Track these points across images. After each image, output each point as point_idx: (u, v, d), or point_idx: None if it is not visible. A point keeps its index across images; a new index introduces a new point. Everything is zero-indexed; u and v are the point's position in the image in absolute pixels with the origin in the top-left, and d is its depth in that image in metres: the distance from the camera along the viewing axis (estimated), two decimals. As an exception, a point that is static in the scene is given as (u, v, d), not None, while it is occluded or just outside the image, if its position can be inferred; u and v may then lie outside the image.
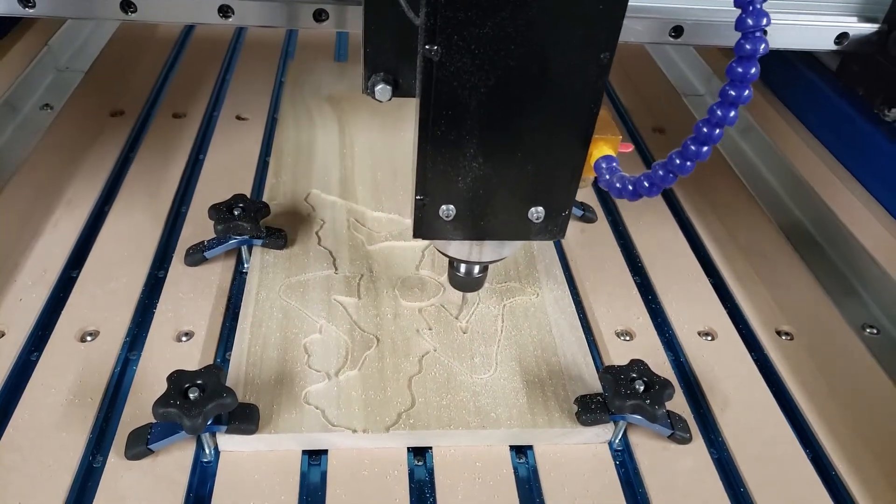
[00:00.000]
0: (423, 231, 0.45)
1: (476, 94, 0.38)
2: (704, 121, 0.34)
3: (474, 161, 0.41)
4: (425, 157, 0.41)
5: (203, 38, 0.97)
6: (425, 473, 0.48)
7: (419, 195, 0.43)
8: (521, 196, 0.43)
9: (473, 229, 0.45)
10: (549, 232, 0.45)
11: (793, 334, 0.59)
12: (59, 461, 0.45)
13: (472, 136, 0.40)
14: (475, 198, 0.43)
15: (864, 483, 0.48)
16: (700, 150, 0.35)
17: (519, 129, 0.40)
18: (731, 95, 0.33)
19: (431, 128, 0.39)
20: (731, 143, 0.75)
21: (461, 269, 0.51)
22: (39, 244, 0.62)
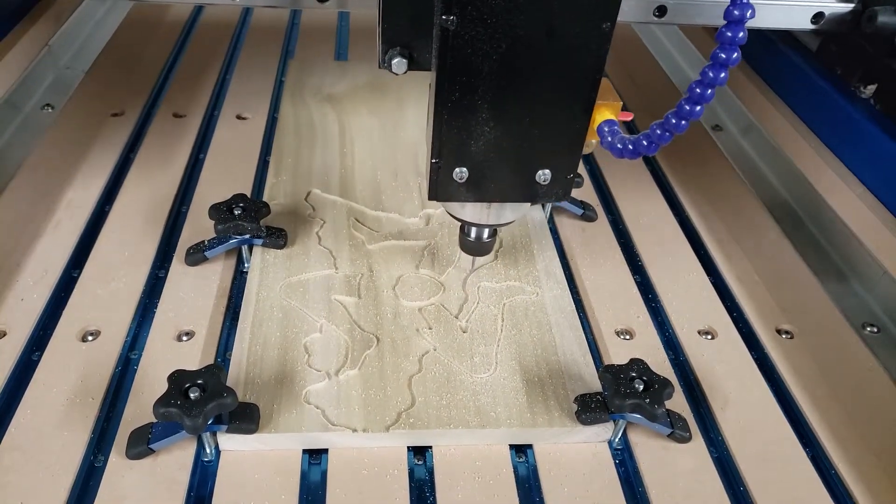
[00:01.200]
0: (438, 193, 0.47)
1: (488, 62, 0.41)
2: (697, 82, 0.37)
3: (486, 125, 0.44)
4: (441, 121, 0.43)
5: (203, 38, 0.97)
6: (425, 473, 0.48)
7: (434, 158, 0.45)
8: (530, 159, 0.46)
9: (484, 191, 0.48)
10: (555, 194, 0.48)
11: (793, 333, 0.59)
12: (60, 461, 0.46)
13: (484, 101, 0.42)
14: (486, 161, 0.46)
15: (864, 482, 0.49)
16: (693, 109, 0.38)
17: (527, 94, 0.42)
18: (721, 58, 0.36)
19: (447, 94, 0.42)
20: (732, 141, 0.75)
21: (471, 233, 0.54)
22: (40, 244, 0.62)
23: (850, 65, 0.77)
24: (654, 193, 0.74)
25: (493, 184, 0.47)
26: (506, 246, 0.63)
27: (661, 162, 0.80)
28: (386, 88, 0.85)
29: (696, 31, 1.03)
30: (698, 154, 0.77)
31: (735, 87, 0.84)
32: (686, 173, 0.78)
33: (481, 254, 0.56)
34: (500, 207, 0.51)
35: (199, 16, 1.03)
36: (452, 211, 0.52)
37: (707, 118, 0.78)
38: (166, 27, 0.99)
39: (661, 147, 0.40)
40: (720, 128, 0.77)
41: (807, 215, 0.65)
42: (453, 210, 0.52)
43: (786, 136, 0.79)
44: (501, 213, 0.51)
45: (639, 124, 0.85)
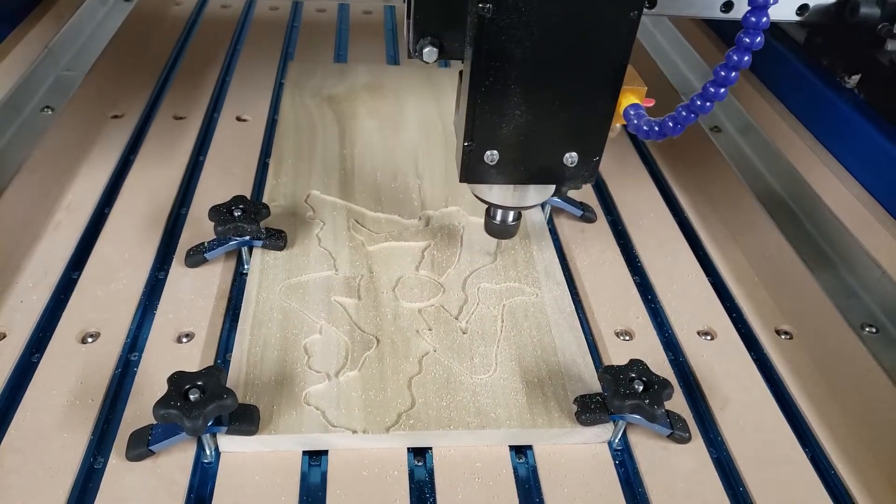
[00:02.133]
0: (469, 175, 0.49)
1: (521, 48, 0.43)
2: (722, 66, 0.39)
3: (517, 109, 0.46)
4: (475, 105, 0.45)
5: (203, 40, 0.97)
6: (425, 474, 0.48)
7: (467, 141, 0.47)
8: (558, 142, 0.48)
9: (514, 173, 0.50)
10: (582, 176, 0.50)
11: (792, 333, 0.60)
12: (60, 462, 0.46)
13: (516, 86, 0.44)
14: (516, 144, 0.48)
15: (863, 482, 0.49)
16: (718, 91, 0.40)
17: (557, 80, 0.44)
18: (745, 42, 0.38)
19: (481, 79, 0.44)
20: (731, 142, 0.75)
21: (497, 216, 0.55)
22: (40, 246, 0.62)
23: (835, 56, 0.80)
24: (654, 195, 0.74)
25: (523, 166, 0.49)
26: (505, 247, 0.63)
27: (660, 163, 0.80)
28: (385, 90, 0.85)
29: (694, 32, 1.03)
30: (697, 155, 0.77)
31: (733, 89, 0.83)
32: (685, 174, 0.78)
33: (506, 237, 0.57)
34: (525, 190, 0.52)
35: (199, 18, 1.03)
36: (479, 193, 0.53)
37: (705, 119, 0.79)
38: (166, 29, 0.99)
39: (685, 128, 0.43)
40: (718, 129, 0.77)
41: (805, 216, 0.65)
42: (481, 193, 0.53)
43: (783, 136, 0.79)
44: (526, 196, 0.53)
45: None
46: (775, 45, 0.88)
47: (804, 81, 0.82)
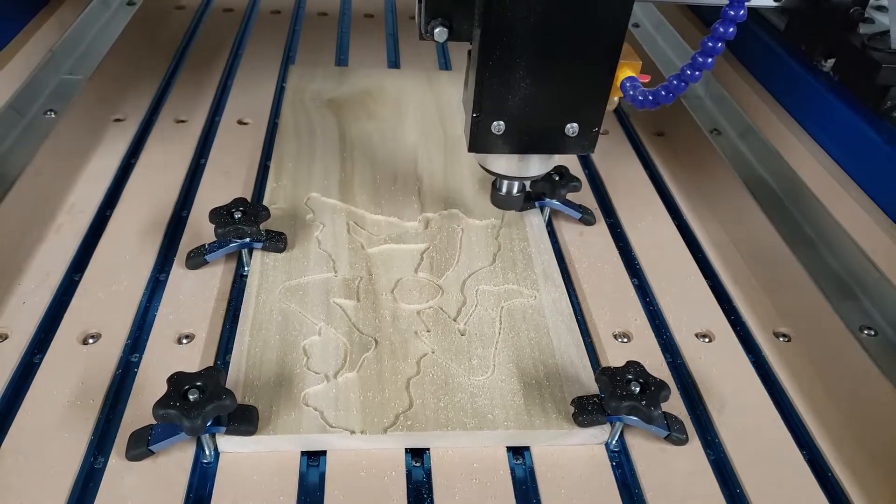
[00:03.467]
0: (477, 145, 0.52)
1: (526, 24, 0.45)
2: (709, 38, 0.41)
3: (522, 82, 0.48)
4: (483, 78, 0.48)
5: (205, 44, 0.97)
6: (423, 474, 0.48)
7: (475, 113, 0.50)
8: (560, 113, 0.51)
9: (519, 143, 0.52)
10: (582, 146, 0.52)
11: (790, 336, 0.60)
12: (60, 462, 0.46)
13: (521, 59, 0.47)
14: (521, 114, 0.50)
15: (861, 485, 0.49)
16: (706, 60, 0.42)
17: (559, 54, 0.47)
18: (729, 14, 0.40)
19: (489, 52, 0.47)
20: (730, 145, 0.75)
21: (503, 188, 0.58)
22: (42, 248, 0.62)
23: (812, 40, 0.83)
24: (653, 197, 0.74)
25: (527, 136, 0.52)
26: (504, 249, 0.63)
27: (659, 166, 0.80)
28: (386, 94, 0.85)
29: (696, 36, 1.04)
30: (696, 158, 0.77)
31: (732, 90, 0.84)
32: (684, 177, 0.78)
33: (511, 207, 0.60)
34: (528, 161, 0.55)
35: (201, 21, 1.04)
36: (486, 165, 0.56)
37: (705, 122, 0.79)
38: (168, 33, 0.99)
39: (676, 97, 0.45)
40: (718, 131, 0.77)
41: (804, 219, 0.65)
42: (488, 164, 0.56)
43: (782, 139, 0.80)
44: (529, 167, 0.55)
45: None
46: (757, 32, 0.92)
47: (784, 66, 0.85)
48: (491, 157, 0.55)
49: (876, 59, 0.74)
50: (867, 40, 0.76)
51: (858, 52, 0.76)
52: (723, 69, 0.95)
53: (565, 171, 0.67)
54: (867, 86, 0.75)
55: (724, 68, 0.95)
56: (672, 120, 0.84)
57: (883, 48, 0.74)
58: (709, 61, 0.42)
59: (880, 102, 0.74)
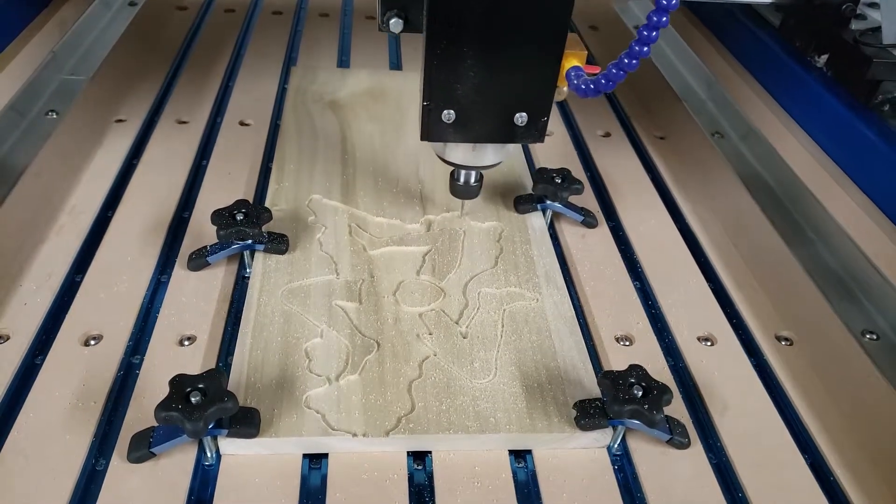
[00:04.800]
0: (429, 133, 0.54)
1: (472, 13, 0.47)
2: (645, 26, 0.42)
3: (470, 71, 0.50)
4: (431, 67, 0.50)
5: (207, 45, 0.97)
6: (425, 477, 0.48)
7: (426, 101, 0.52)
8: (508, 102, 0.52)
9: (469, 132, 0.54)
10: (531, 135, 0.54)
11: (792, 340, 0.60)
12: (62, 464, 0.46)
13: (468, 48, 0.49)
14: (471, 104, 0.52)
15: (863, 489, 0.49)
16: (642, 49, 0.43)
17: (505, 43, 0.49)
18: (662, 3, 0.41)
19: (436, 42, 0.48)
20: (732, 148, 0.75)
21: (460, 177, 0.60)
22: (44, 249, 0.62)
23: (806, 36, 0.86)
24: (655, 200, 0.74)
25: (477, 125, 0.53)
26: (506, 252, 0.63)
27: (661, 169, 0.80)
28: (388, 95, 0.85)
29: (692, 34, 1.04)
30: (698, 161, 0.77)
31: (734, 93, 0.84)
32: (686, 180, 0.78)
33: (469, 197, 0.62)
34: (484, 150, 0.57)
35: (202, 22, 1.04)
36: (443, 155, 0.58)
37: (707, 124, 0.79)
38: (170, 34, 0.99)
39: (616, 84, 0.46)
40: (721, 134, 0.77)
41: (806, 223, 0.65)
42: (444, 154, 0.58)
43: (785, 142, 0.80)
44: (484, 156, 0.58)
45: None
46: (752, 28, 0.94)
47: (779, 61, 0.87)
48: (448, 148, 0.57)
49: (867, 54, 0.75)
50: (859, 36, 0.78)
51: (851, 47, 0.77)
52: (724, 72, 0.95)
53: (567, 174, 0.67)
54: (859, 80, 0.76)
55: (726, 71, 0.95)
56: (674, 123, 0.84)
57: (874, 44, 0.76)
58: (644, 49, 0.43)
59: (871, 97, 0.75)
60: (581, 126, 0.86)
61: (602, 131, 0.85)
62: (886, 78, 0.75)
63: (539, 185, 0.67)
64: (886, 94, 0.75)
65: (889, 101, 0.75)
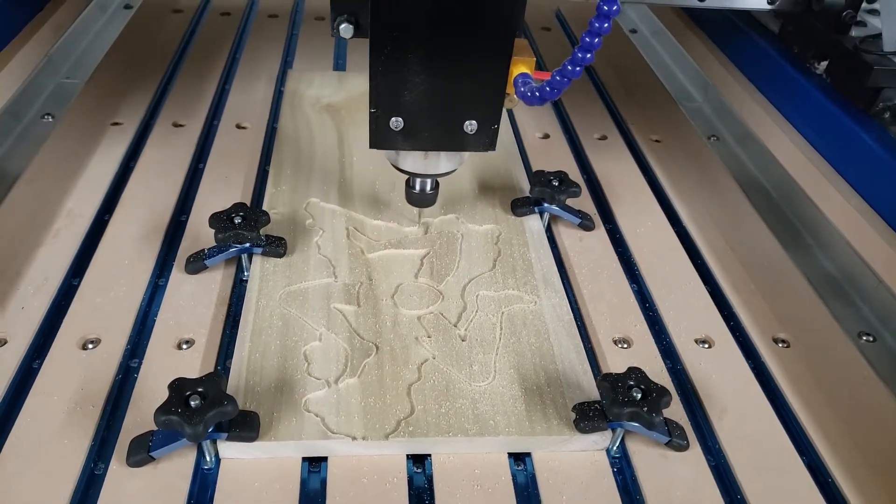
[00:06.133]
0: (378, 141, 0.53)
1: (415, 19, 0.46)
2: (587, 33, 0.42)
3: (416, 77, 0.49)
4: (376, 73, 0.49)
5: (203, 48, 0.97)
6: (424, 480, 0.48)
7: (372, 108, 0.51)
8: (457, 110, 0.52)
9: (419, 139, 0.53)
10: (482, 143, 0.53)
11: (790, 342, 0.60)
12: (61, 468, 0.46)
13: (413, 55, 0.48)
14: (419, 111, 0.51)
15: (861, 491, 0.49)
16: (585, 56, 0.43)
17: (452, 50, 0.48)
18: (604, 9, 0.41)
19: (380, 48, 0.48)
20: (729, 151, 0.76)
21: (416, 186, 0.60)
22: (41, 253, 0.62)
23: (805, 43, 0.86)
24: (652, 203, 0.74)
25: (426, 132, 0.53)
26: (504, 255, 0.64)
27: (658, 172, 0.80)
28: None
29: (691, 40, 1.04)
30: (695, 164, 0.77)
31: (729, 97, 0.84)
32: (683, 183, 0.78)
33: (425, 205, 0.62)
34: (437, 158, 0.56)
35: (198, 25, 1.04)
36: (397, 164, 0.58)
37: (704, 128, 0.79)
38: (165, 37, 0.99)
39: (561, 91, 0.46)
40: (717, 137, 0.78)
41: (803, 225, 0.65)
42: (398, 163, 0.58)
43: (780, 145, 0.80)
44: (439, 164, 0.57)
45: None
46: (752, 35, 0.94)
47: (778, 68, 0.88)
48: (400, 156, 0.57)
49: (868, 61, 0.75)
50: (859, 43, 0.78)
51: (851, 54, 0.77)
52: (720, 75, 0.95)
53: (564, 177, 0.67)
54: (859, 88, 0.76)
55: (722, 74, 0.96)
56: (670, 126, 0.84)
57: (875, 51, 0.76)
58: (588, 56, 0.43)
59: (872, 104, 0.76)
60: (578, 129, 0.86)
61: (599, 134, 0.86)
62: (887, 85, 0.74)
63: (536, 187, 0.67)
64: (887, 102, 0.75)
65: (889, 108, 0.75)
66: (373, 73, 0.49)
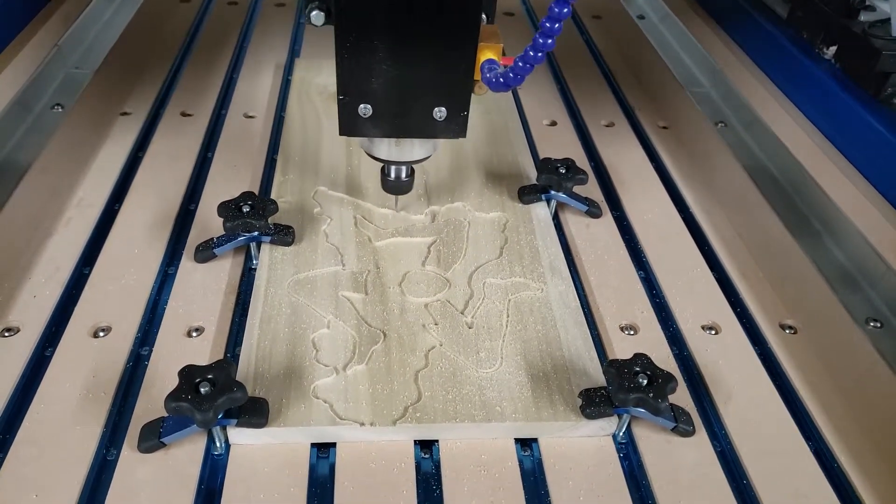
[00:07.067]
0: (347, 128, 0.53)
1: (380, 6, 0.46)
2: (547, 18, 0.42)
3: (383, 64, 0.49)
4: (343, 60, 0.49)
5: (210, 37, 0.98)
6: (432, 466, 0.48)
7: (341, 95, 0.51)
8: (426, 97, 0.52)
9: (388, 126, 0.53)
10: (452, 130, 0.54)
11: (796, 328, 0.60)
12: (73, 454, 0.46)
13: (379, 42, 0.48)
14: (388, 98, 0.51)
15: (867, 475, 0.49)
16: (546, 42, 0.43)
17: (417, 36, 0.48)
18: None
19: (345, 34, 0.48)
20: (736, 137, 0.75)
21: (391, 173, 0.60)
22: (52, 242, 0.63)
23: (814, 28, 0.86)
24: (659, 190, 0.74)
25: (396, 119, 0.53)
26: (511, 242, 0.64)
27: (665, 158, 0.80)
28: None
29: (698, 25, 1.04)
30: (702, 150, 0.77)
31: (738, 82, 0.84)
32: (690, 169, 0.78)
33: (401, 192, 0.62)
34: (411, 146, 0.57)
35: (206, 14, 1.04)
36: (369, 151, 0.58)
37: (711, 114, 0.79)
38: (174, 26, 0.99)
39: (525, 78, 0.46)
40: (724, 123, 0.78)
41: (810, 211, 0.65)
42: (371, 150, 0.58)
43: (788, 130, 0.80)
44: (412, 151, 0.57)
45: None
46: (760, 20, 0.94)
47: (786, 53, 0.87)
48: (374, 144, 0.57)
49: (876, 46, 0.75)
50: (868, 28, 0.77)
51: (859, 39, 0.77)
52: (728, 60, 0.95)
53: (571, 164, 0.67)
54: (868, 73, 0.76)
55: (730, 59, 0.95)
56: (678, 112, 0.84)
57: (883, 36, 0.75)
58: (549, 42, 0.43)
59: (881, 89, 0.75)
60: (585, 116, 0.86)
61: (606, 121, 0.85)
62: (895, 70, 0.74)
63: (543, 175, 0.67)
64: (895, 87, 0.75)
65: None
66: (339, 59, 0.49)
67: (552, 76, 0.94)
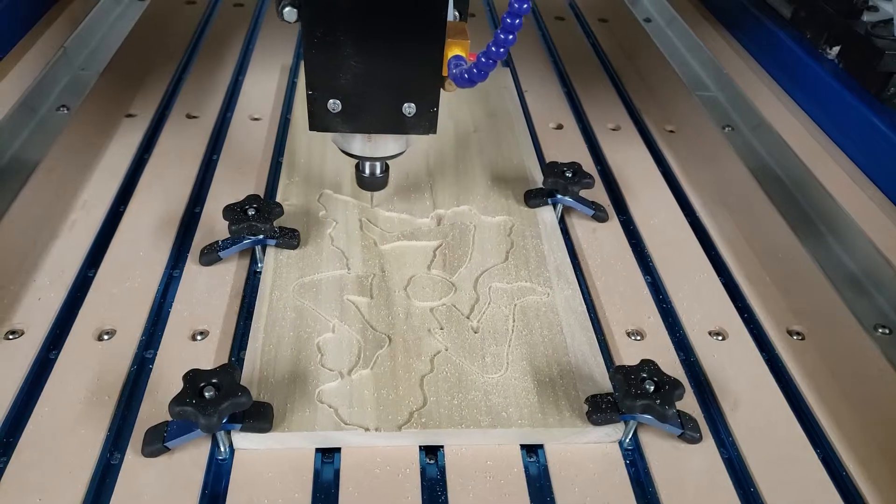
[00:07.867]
0: (317, 124, 0.53)
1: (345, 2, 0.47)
2: (508, 13, 0.42)
3: (351, 60, 0.49)
4: (310, 55, 0.49)
5: (216, 39, 0.98)
6: (437, 472, 0.48)
7: (309, 90, 0.51)
8: (395, 92, 0.52)
9: (358, 122, 0.53)
10: (422, 126, 0.54)
11: (804, 334, 0.60)
12: (77, 458, 0.46)
13: (346, 37, 0.48)
14: (357, 93, 0.51)
15: (875, 482, 0.49)
16: (508, 37, 0.43)
17: (384, 32, 0.48)
18: None
19: (312, 30, 0.48)
20: (743, 141, 0.75)
21: (365, 169, 0.60)
22: (57, 244, 0.62)
23: (817, 28, 0.86)
24: (665, 194, 0.74)
25: (366, 115, 0.53)
26: (517, 246, 0.63)
27: (672, 162, 0.80)
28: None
29: (704, 28, 1.03)
30: (709, 154, 0.77)
31: (745, 86, 0.84)
32: (697, 173, 0.78)
33: (377, 188, 0.62)
34: (384, 141, 0.57)
35: (212, 16, 1.04)
36: (343, 147, 0.58)
37: (718, 117, 0.79)
38: (179, 28, 0.99)
39: (488, 74, 0.46)
40: (731, 127, 0.77)
41: (818, 216, 0.65)
42: (344, 146, 0.58)
43: (796, 135, 0.79)
44: (386, 147, 0.57)
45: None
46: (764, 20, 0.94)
47: (790, 53, 0.88)
48: (347, 140, 0.57)
49: (879, 46, 0.75)
50: (871, 28, 0.77)
51: (863, 39, 0.77)
52: (735, 64, 0.94)
53: (578, 168, 0.67)
54: (871, 72, 0.76)
55: (735, 61, 0.95)
56: (684, 116, 0.84)
57: (887, 35, 0.75)
58: (510, 38, 0.43)
59: (884, 89, 0.75)
60: (591, 119, 0.86)
61: (612, 125, 0.85)
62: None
63: (549, 179, 0.66)
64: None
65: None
66: (306, 55, 0.49)
67: (558, 79, 0.93)
